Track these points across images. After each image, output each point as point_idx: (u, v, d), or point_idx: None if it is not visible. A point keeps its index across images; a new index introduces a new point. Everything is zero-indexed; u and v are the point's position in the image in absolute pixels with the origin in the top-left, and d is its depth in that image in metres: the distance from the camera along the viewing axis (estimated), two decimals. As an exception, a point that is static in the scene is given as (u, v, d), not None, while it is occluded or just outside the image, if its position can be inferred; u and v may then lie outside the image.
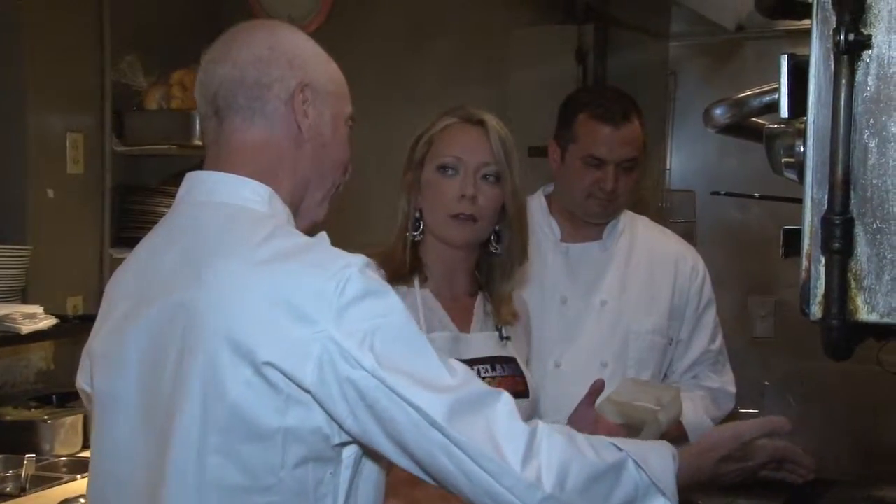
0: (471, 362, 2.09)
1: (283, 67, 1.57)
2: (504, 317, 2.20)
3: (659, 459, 1.53)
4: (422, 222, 2.15)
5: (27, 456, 2.88)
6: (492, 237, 2.17)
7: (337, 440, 1.44)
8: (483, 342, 2.16)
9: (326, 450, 1.45)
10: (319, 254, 1.46)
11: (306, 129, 1.57)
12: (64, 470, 3.06)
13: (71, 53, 3.78)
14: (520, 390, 2.14)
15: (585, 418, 2.04)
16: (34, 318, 3.25)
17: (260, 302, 1.42)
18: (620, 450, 1.50)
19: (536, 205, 2.68)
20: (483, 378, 2.08)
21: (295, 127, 1.57)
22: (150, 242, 1.62)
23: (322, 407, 1.41)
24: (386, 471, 1.55)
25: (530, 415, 2.17)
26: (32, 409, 3.34)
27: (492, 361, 2.14)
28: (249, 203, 1.54)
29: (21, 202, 3.61)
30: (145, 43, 3.95)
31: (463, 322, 2.16)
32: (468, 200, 2.09)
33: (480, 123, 2.13)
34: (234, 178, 1.56)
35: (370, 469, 1.52)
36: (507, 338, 2.19)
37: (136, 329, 1.53)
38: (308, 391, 1.40)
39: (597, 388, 2.09)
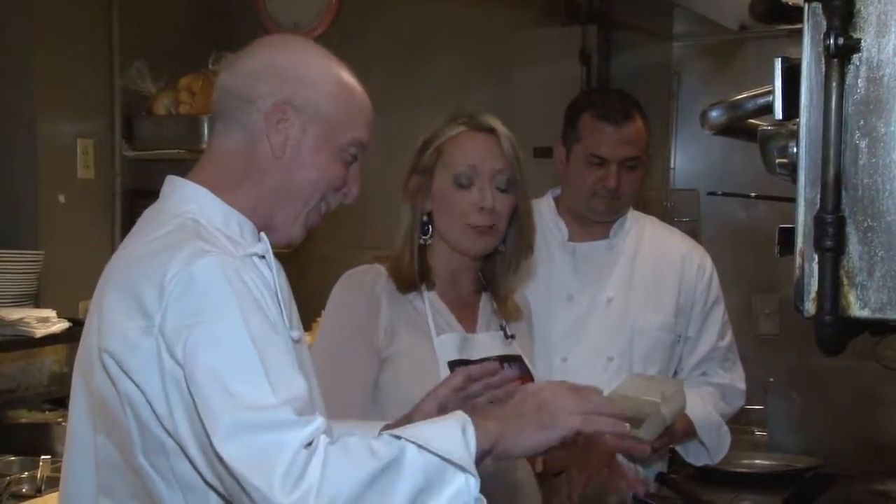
0: (480, 362, 2.11)
1: (272, 84, 1.60)
2: (510, 312, 2.23)
3: (446, 435, 1.45)
4: (430, 226, 2.16)
5: (42, 457, 2.90)
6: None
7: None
8: (489, 342, 2.18)
9: (174, 441, 1.45)
10: (179, 249, 1.46)
11: (277, 147, 1.59)
12: (78, 471, 3.09)
13: (80, 60, 3.81)
14: None
15: None
16: (47, 321, 3.28)
17: (119, 291, 1.47)
18: (399, 439, 1.43)
19: (545, 206, 2.72)
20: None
21: (267, 142, 1.60)
22: None
23: (147, 401, 1.43)
24: None
25: None
26: (46, 412, 3.38)
27: (499, 360, 2.14)
28: (177, 205, 1.58)
29: (33, 207, 3.64)
30: (153, 49, 3.98)
31: (469, 322, 2.19)
32: (487, 212, 2.11)
33: (491, 131, 2.14)
34: (178, 181, 1.62)
35: None
36: (512, 336, 2.21)
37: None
38: (134, 382, 1.43)
39: None
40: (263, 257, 1.58)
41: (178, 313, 1.41)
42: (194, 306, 1.41)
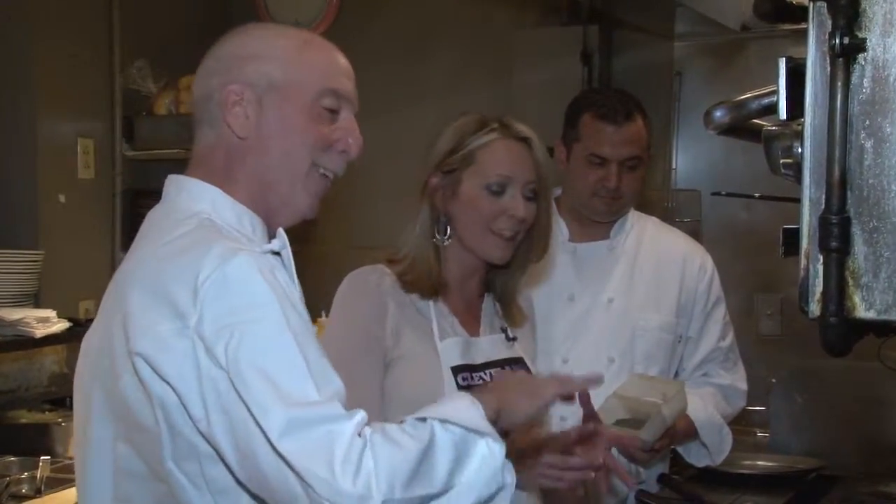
0: (483, 366, 2.10)
1: (220, 73, 1.60)
2: (515, 318, 2.22)
3: (461, 408, 1.51)
4: (449, 227, 2.12)
5: (42, 458, 2.90)
6: None
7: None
8: (492, 345, 2.16)
9: (207, 445, 1.43)
10: (209, 248, 1.44)
11: (239, 128, 1.57)
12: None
13: (81, 59, 3.81)
14: None
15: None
16: (47, 321, 3.27)
17: (147, 293, 1.43)
18: (425, 420, 1.48)
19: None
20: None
21: (229, 129, 1.58)
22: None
23: (182, 404, 1.41)
24: None
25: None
26: (46, 412, 3.37)
27: (502, 364, 2.14)
28: (190, 203, 1.57)
29: (33, 207, 3.63)
30: (154, 48, 3.98)
31: (472, 326, 2.16)
32: (516, 220, 2.08)
33: (525, 141, 2.11)
34: (184, 178, 1.61)
35: None
36: (514, 338, 2.20)
37: (94, 333, 1.59)
38: (169, 384, 1.40)
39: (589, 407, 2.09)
40: (278, 254, 1.55)
41: (216, 314, 1.38)
42: (232, 306, 1.39)
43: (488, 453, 1.47)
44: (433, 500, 1.43)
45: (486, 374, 2.10)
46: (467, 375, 2.07)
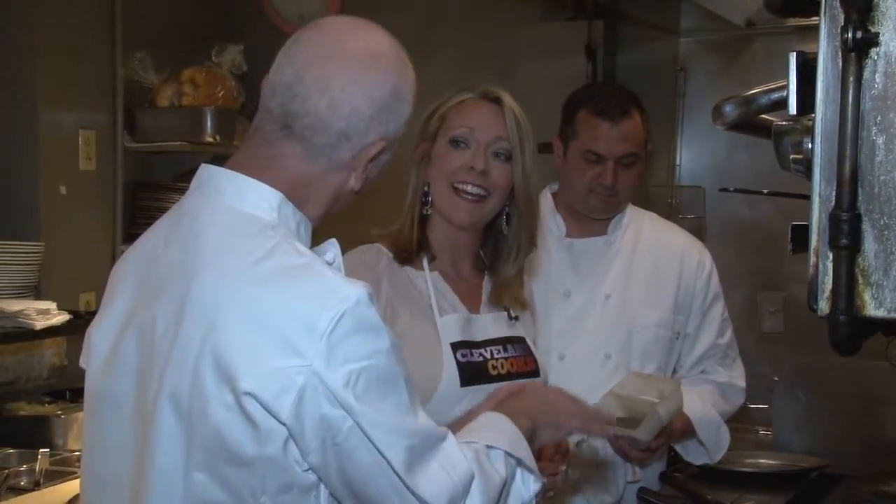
0: (483, 343, 2.09)
1: (371, 123, 1.52)
2: (506, 300, 2.20)
3: (514, 438, 1.63)
4: (429, 196, 2.12)
5: (41, 451, 2.90)
6: (503, 218, 2.14)
7: (307, 466, 1.43)
8: (493, 322, 2.14)
9: (305, 476, 1.43)
10: (317, 281, 1.42)
11: (359, 183, 1.55)
12: (77, 464, 3.07)
13: (82, 51, 3.79)
14: (531, 370, 2.13)
15: None
16: (47, 313, 3.26)
17: (249, 324, 1.39)
18: (494, 448, 1.59)
19: (543, 201, 2.69)
20: (496, 359, 2.09)
21: (349, 176, 1.54)
22: (155, 235, 1.58)
23: (293, 438, 1.40)
24: None
25: None
26: (46, 405, 3.35)
27: (503, 342, 2.12)
28: (256, 210, 1.49)
29: (34, 199, 3.62)
30: (156, 40, 3.96)
31: (472, 302, 2.15)
32: (477, 174, 2.07)
33: (497, 101, 2.11)
34: (245, 179, 1.51)
35: None
36: (516, 317, 2.18)
37: (133, 332, 1.51)
38: (283, 424, 1.38)
39: None
40: (331, 264, 1.53)
41: (337, 355, 1.38)
42: (354, 347, 1.39)
43: (523, 487, 1.61)
44: None
45: (485, 350, 2.09)
46: (467, 352, 2.06)
